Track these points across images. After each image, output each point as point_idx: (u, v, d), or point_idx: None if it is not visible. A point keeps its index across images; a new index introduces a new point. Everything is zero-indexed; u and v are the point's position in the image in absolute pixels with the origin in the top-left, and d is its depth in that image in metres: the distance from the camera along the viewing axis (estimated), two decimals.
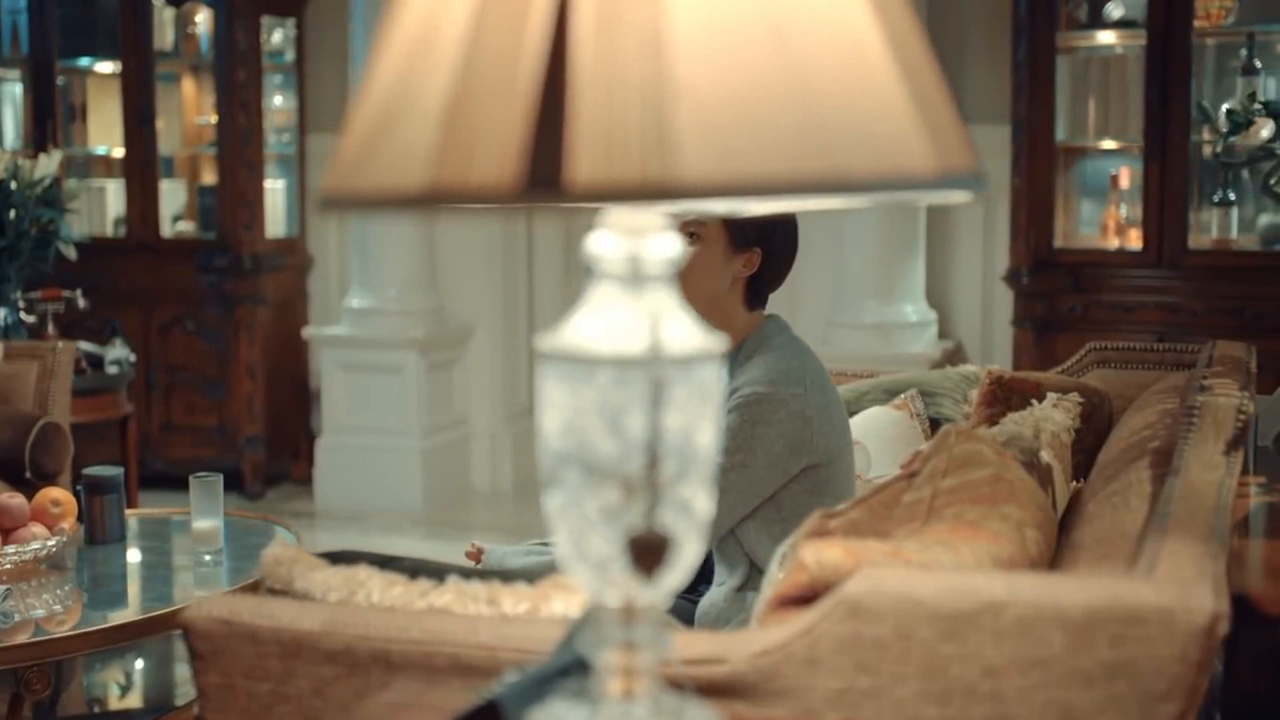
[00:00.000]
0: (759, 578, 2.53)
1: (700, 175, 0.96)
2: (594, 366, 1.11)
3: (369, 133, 1.08)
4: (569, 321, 1.16)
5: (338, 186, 1.10)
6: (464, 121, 1.00)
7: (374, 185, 1.04)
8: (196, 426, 6.31)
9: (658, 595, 1.16)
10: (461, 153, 0.99)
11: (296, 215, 6.55)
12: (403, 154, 1.02)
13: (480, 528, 6.03)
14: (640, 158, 0.96)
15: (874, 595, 1.44)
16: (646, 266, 1.14)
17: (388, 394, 6.13)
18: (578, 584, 1.21)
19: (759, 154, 0.97)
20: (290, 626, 1.62)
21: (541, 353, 1.14)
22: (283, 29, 6.48)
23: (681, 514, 1.13)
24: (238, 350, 6.20)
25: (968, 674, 1.43)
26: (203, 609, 1.66)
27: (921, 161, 1.03)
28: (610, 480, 1.12)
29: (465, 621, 1.60)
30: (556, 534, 1.17)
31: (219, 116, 6.17)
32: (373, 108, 1.09)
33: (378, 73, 1.11)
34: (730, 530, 2.56)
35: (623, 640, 1.18)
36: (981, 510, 1.77)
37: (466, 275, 6.41)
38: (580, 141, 0.96)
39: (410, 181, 1.01)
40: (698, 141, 0.96)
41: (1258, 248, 5.15)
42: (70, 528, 3.06)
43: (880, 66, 1.04)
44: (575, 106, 0.97)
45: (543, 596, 1.64)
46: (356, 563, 1.80)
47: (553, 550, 2.65)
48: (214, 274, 6.18)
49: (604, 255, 1.14)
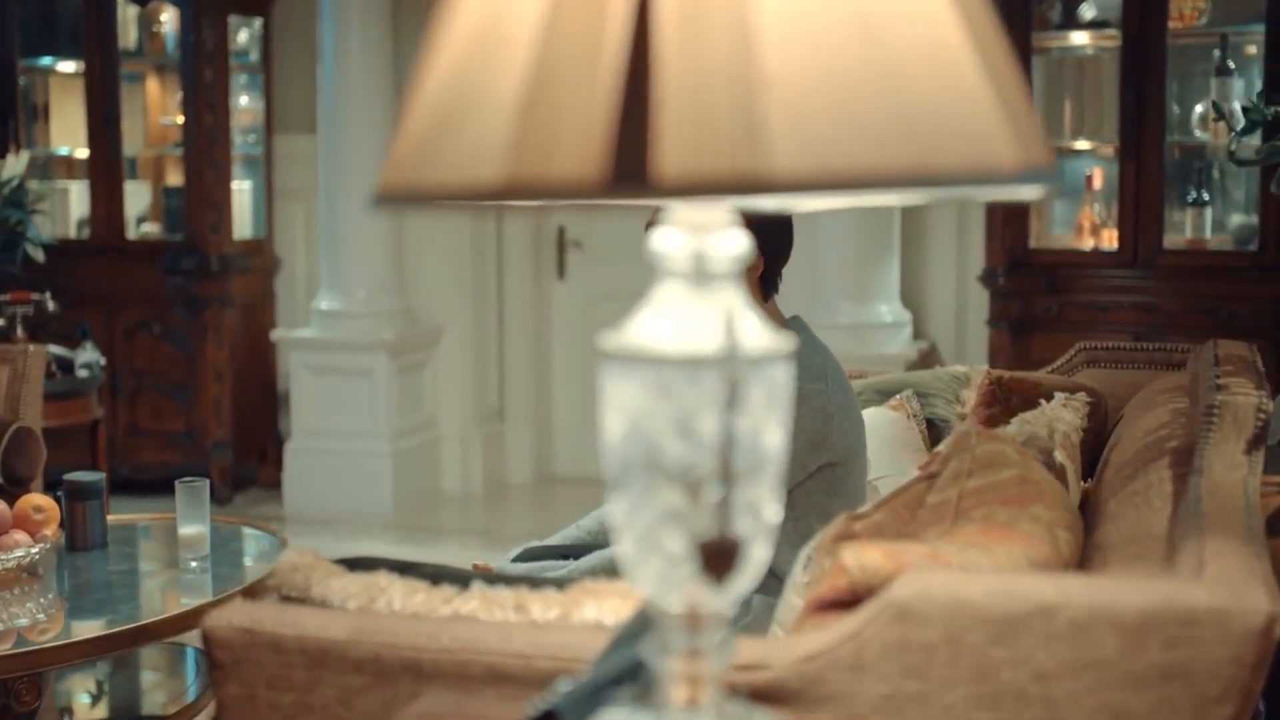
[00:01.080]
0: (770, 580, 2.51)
1: (792, 168, 0.93)
2: (664, 366, 1.08)
3: (433, 126, 1.04)
4: (632, 320, 1.12)
5: (398, 181, 1.06)
6: (542, 114, 0.96)
7: (443, 180, 1.01)
8: (163, 431, 6.22)
9: (725, 601, 1.13)
10: (540, 146, 0.95)
11: (264, 216, 6.48)
12: (475, 147, 0.99)
13: (451, 531, 5.99)
14: (730, 150, 0.93)
15: (923, 599, 1.41)
16: (712, 264, 1.11)
17: (357, 397, 6.07)
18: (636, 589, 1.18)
19: (849, 147, 0.95)
20: (316, 635, 1.58)
21: (606, 352, 1.11)
22: (248, 28, 6.40)
23: (751, 517, 1.11)
24: (205, 353, 6.12)
25: (1018, 678, 1.40)
26: (224, 618, 1.61)
27: (1006, 155, 1.01)
28: (680, 483, 1.09)
29: (498, 629, 1.56)
30: (620, 538, 1.14)
31: (186, 117, 6.09)
32: (435, 101, 1.06)
33: (437, 65, 1.08)
34: None
35: (687, 647, 1.15)
36: (1011, 511, 1.75)
37: (435, 276, 6.36)
38: (667, 134, 0.93)
39: (486, 175, 0.97)
40: (788, 134, 0.93)
41: (1231, 248, 5.18)
42: (53, 534, 3.00)
43: (962, 56, 1.02)
44: (660, 98, 0.94)
45: (573, 602, 1.61)
46: (375, 569, 1.76)
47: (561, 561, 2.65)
48: (181, 276, 6.10)
49: (669, 252, 1.11)
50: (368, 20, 5.94)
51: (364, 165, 5.99)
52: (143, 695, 3.53)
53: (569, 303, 6.68)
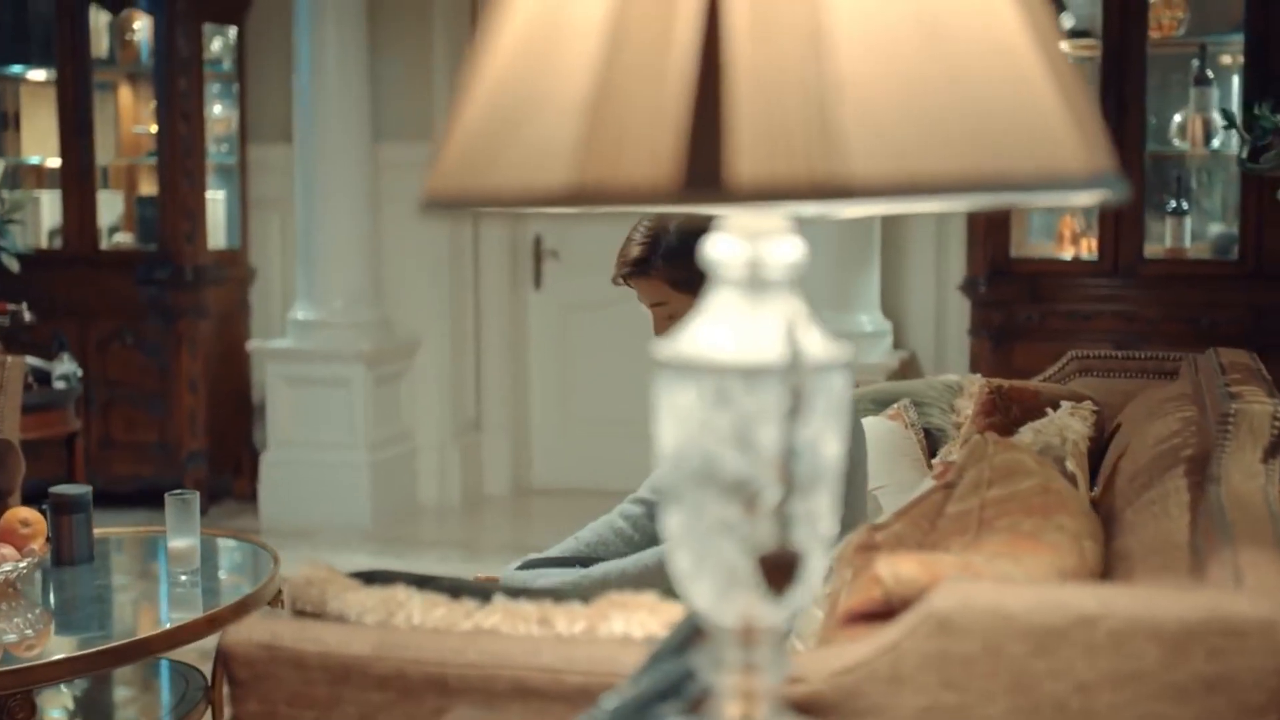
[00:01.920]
0: None
1: (868, 174, 0.91)
2: (723, 375, 1.05)
3: (490, 129, 1.02)
4: (688, 329, 1.10)
5: (452, 187, 1.04)
6: (609, 116, 0.94)
7: (504, 184, 0.98)
8: (137, 443, 6.16)
9: (781, 615, 1.11)
10: (609, 149, 0.93)
11: (238, 226, 6.42)
12: (539, 151, 0.97)
13: (430, 543, 5.94)
14: (805, 154, 0.91)
15: (964, 610, 1.40)
16: (769, 270, 1.09)
17: (334, 408, 6.02)
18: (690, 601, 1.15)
19: (924, 152, 0.93)
20: (338, 651, 1.55)
21: (661, 361, 1.09)
22: (222, 37, 6.35)
23: (810, 529, 1.09)
24: (180, 364, 6.06)
25: (1059, 690, 1.39)
26: (243, 633, 1.58)
27: (1075, 160, 0.99)
28: (738, 495, 1.07)
29: (526, 643, 1.54)
30: (675, 551, 1.12)
31: (159, 126, 6.03)
32: (490, 103, 1.04)
33: (490, 67, 1.05)
34: None
35: (741, 662, 1.12)
36: (1036, 521, 1.74)
37: (412, 287, 6.32)
38: (742, 137, 0.91)
39: (551, 179, 0.95)
40: (863, 138, 0.92)
41: (1210, 256, 5.20)
42: (40, 548, 2.95)
43: (1029, 61, 1.00)
44: (734, 100, 0.92)
45: (600, 615, 1.58)
46: (393, 583, 1.73)
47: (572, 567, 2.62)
48: (155, 286, 6.04)
49: (725, 260, 1.09)
50: (344, 29, 5.90)
51: (340, 175, 5.96)
52: (116, 711, 3.47)
53: (545, 313, 6.65)
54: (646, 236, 2.54)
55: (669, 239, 2.52)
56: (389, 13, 6.17)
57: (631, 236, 2.56)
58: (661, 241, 2.52)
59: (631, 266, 2.55)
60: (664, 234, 2.52)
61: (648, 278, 2.55)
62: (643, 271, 2.55)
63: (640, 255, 2.54)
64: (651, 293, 2.57)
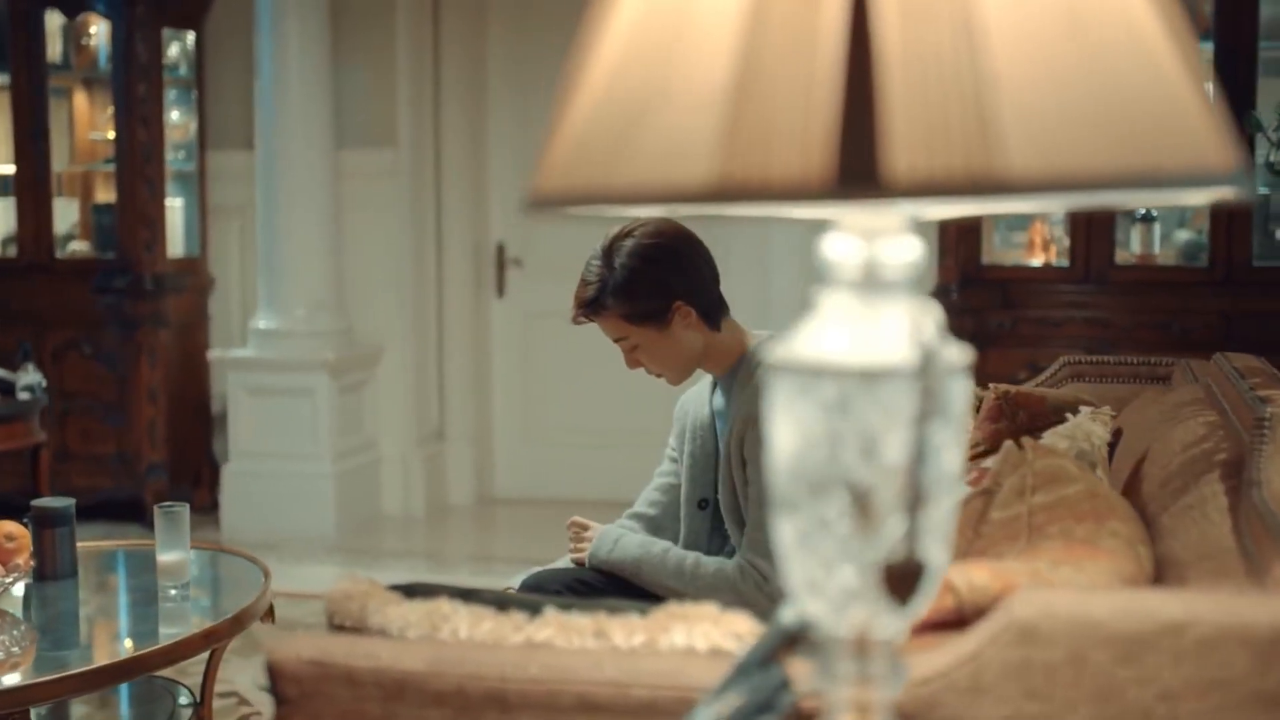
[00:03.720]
0: None
1: (1026, 170, 0.88)
2: (846, 380, 1.02)
3: (609, 125, 0.98)
4: (801, 332, 1.07)
5: (568, 184, 1.00)
6: (754, 108, 0.90)
7: (635, 180, 0.94)
8: (94, 454, 6.04)
9: (899, 625, 1.08)
10: (755, 144, 0.90)
11: (197, 234, 6.32)
12: (673, 145, 0.93)
13: (397, 554, 5.87)
14: (963, 150, 0.88)
15: (1048, 618, 1.37)
16: (887, 271, 1.06)
17: (298, 418, 5.94)
18: (806, 612, 1.12)
19: (1078, 148, 0.90)
20: (393, 667, 1.50)
21: (777, 365, 1.05)
22: (179, 42, 6.25)
23: (934, 537, 1.05)
24: (139, 374, 5.95)
25: (1144, 698, 1.36)
26: (291, 649, 1.53)
27: (1215, 155, 0.97)
28: (862, 503, 1.03)
29: (589, 656, 1.49)
30: (789, 561, 1.08)
31: (118, 132, 5.92)
32: (606, 98, 1.00)
33: (603, 60, 1.01)
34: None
35: (856, 674, 1.09)
36: (1088, 528, 1.72)
37: (374, 295, 6.25)
38: (897, 131, 0.88)
39: (691, 175, 0.91)
40: (1020, 134, 0.88)
41: (1179, 263, 5.23)
42: (25, 563, 2.87)
43: (1166, 54, 0.98)
44: (886, 93, 0.88)
45: (659, 627, 1.54)
46: (435, 596, 1.68)
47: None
48: (113, 295, 5.93)
49: (841, 260, 1.06)
50: (306, 35, 5.82)
51: (303, 181, 5.88)
52: None
53: (509, 321, 6.60)
54: (596, 276, 2.53)
55: (615, 276, 2.51)
56: (351, 19, 6.10)
57: (584, 276, 2.56)
58: (609, 280, 2.51)
59: (585, 307, 2.55)
60: (610, 272, 2.51)
61: (602, 316, 2.55)
62: (596, 311, 2.55)
63: (592, 295, 2.54)
64: (611, 329, 2.57)
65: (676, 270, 2.54)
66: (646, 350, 2.56)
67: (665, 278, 2.52)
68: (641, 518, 2.73)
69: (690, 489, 2.66)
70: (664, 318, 2.53)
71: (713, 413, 2.64)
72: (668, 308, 2.52)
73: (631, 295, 2.51)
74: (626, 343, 2.57)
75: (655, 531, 2.71)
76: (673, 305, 2.52)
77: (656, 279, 2.52)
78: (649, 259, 2.52)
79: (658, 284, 2.52)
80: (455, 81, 6.37)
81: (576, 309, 2.57)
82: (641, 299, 2.52)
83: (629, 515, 2.76)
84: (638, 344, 2.56)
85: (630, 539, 2.61)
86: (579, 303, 2.56)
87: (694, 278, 2.55)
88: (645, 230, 2.55)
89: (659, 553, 2.55)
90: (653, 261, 2.52)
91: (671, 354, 2.56)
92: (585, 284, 2.55)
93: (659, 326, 2.53)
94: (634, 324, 2.54)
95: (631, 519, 2.74)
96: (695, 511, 2.65)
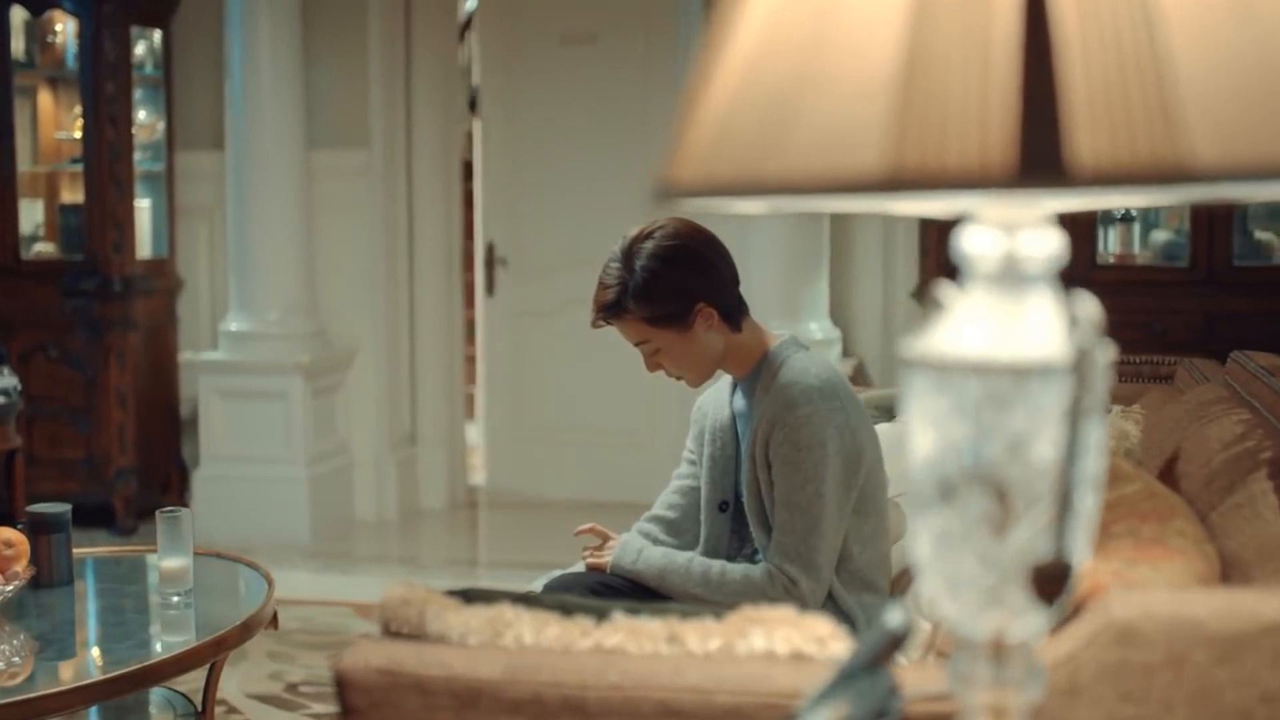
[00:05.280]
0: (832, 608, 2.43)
1: (1212, 157, 0.85)
2: (997, 377, 0.99)
3: (753, 115, 0.95)
4: (938, 327, 1.04)
5: (710, 173, 0.96)
6: (926, 94, 0.87)
7: (789, 170, 0.91)
8: (61, 459, 5.93)
9: (1039, 627, 1.05)
10: (928, 132, 0.86)
11: (165, 236, 6.22)
12: (835, 135, 0.89)
13: (371, 559, 5.80)
14: (1147, 137, 0.85)
15: (1147, 619, 1.35)
16: (1028, 265, 1.03)
17: (271, 421, 5.86)
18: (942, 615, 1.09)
19: (1258, 135, 0.87)
20: (466, 675, 1.46)
21: (915, 362, 1.02)
22: (146, 40, 6.15)
23: (1080, 537, 1.03)
24: (108, 378, 5.85)
25: (1242, 699, 1.35)
26: (359, 658, 1.48)
27: None
28: (1009, 503, 1.00)
29: (669, 662, 1.46)
30: (924, 563, 1.05)
31: (86, 132, 5.82)
32: (748, 87, 0.96)
33: (740, 49, 0.98)
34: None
35: (993, 677, 1.06)
36: (1154, 527, 1.70)
37: (346, 297, 6.18)
38: (1079, 118, 0.85)
39: (859, 164, 0.88)
40: (1202, 120, 0.86)
41: (1158, 263, 5.26)
42: (24, 571, 2.79)
43: None
44: (1067, 78, 0.85)
45: (736, 631, 1.51)
46: (495, 601, 1.64)
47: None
48: (81, 298, 5.83)
49: (980, 254, 1.03)
50: (278, 34, 5.75)
51: (275, 182, 5.80)
52: None
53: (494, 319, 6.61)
54: (615, 279, 2.50)
55: (635, 279, 2.47)
56: (323, 18, 6.02)
57: (603, 280, 2.52)
58: (630, 283, 2.48)
59: (606, 311, 2.51)
60: (630, 275, 2.48)
61: (623, 320, 2.51)
62: (617, 314, 2.51)
63: (613, 299, 2.50)
64: (631, 333, 2.54)
65: (698, 272, 2.50)
66: (668, 353, 2.53)
67: (686, 279, 2.49)
68: (660, 520, 2.70)
69: (710, 491, 2.63)
70: (686, 320, 2.50)
71: (733, 414, 2.61)
72: (689, 310, 2.49)
73: (653, 298, 2.48)
74: (648, 346, 2.54)
75: (674, 534, 2.67)
76: (695, 307, 2.49)
77: (678, 281, 2.49)
78: (670, 261, 2.49)
79: (679, 286, 2.49)
80: (427, 81, 6.31)
81: (596, 313, 2.53)
82: (663, 301, 2.49)
83: (647, 519, 2.72)
84: (659, 347, 2.53)
85: (653, 550, 2.58)
86: (599, 306, 2.52)
87: (715, 279, 2.53)
88: (665, 232, 2.52)
89: (683, 562, 2.52)
90: (674, 263, 2.49)
91: (693, 356, 2.53)
92: (604, 287, 2.51)
93: (681, 329, 2.50)
94: (655, 327, 2.50)
95: (650, 522, 2.71)
96: (716, 514, 2.62)
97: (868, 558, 2.51)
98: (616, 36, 6.30)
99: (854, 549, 2.50)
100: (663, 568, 2.52)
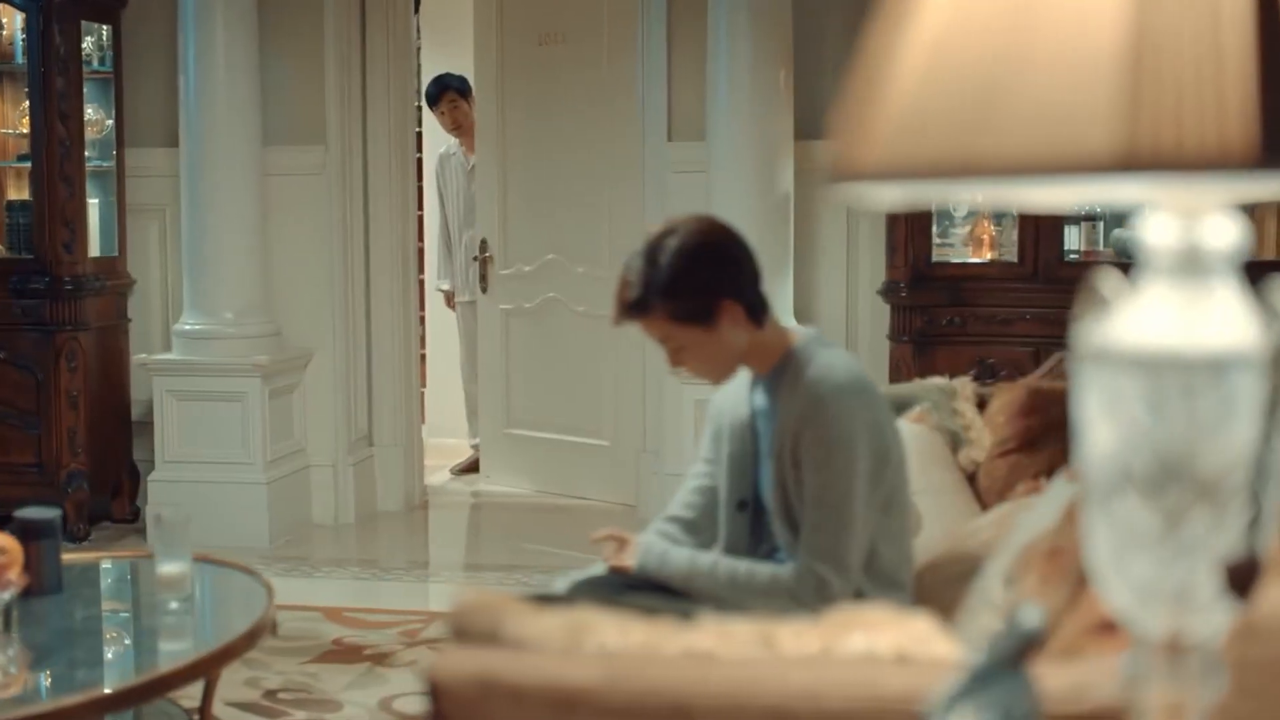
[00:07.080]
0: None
1: None
2: (1181, 369, 0.96)
3: (950, 95, 0.91)
4: (1117, 317, 1.01)
5: (900, 157, 0.93)
6: (1155, 78, 0.84)
7: (1005, 150, 0.88)
8: (10, 464, 5.78)
9: (1220, 624, 1.03)
10: (1163, 113, 0.83)
11: (114, 234, 6.09)
12: (1056, 115, 0.86)
13: (331, 562, 5.71)
14: None
15: (1267, 615, 1.33)
16: (1210, 253, 1.00)
17: (228, 423, 5.74)
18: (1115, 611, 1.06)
19: None
20: (564, 682, 1.42)
21: (1093, 354, 0.99)
22: (93, 35, 6.01)
23: (1270, 532, 1.00)
24: (58, 379, 5.71)
25: None
26: (452, 666, 1.43)
27: None
28: (1197, 498, 0.98)
29: (770, 667, 1.42)
30: (1101, 561, 1.02)
31: (34, 128, 5.68)
32: (939, 67, 0.93)
33: (925, 29, 0.95)
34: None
35: (1171, 675, 1.04)
36: None
37: (302, 297, 6.08)
38: None
39: (1089, 145, 0.84)
40: None
41: (1123, 259, 5.30)
42: (18, 578, 2.70)
43: None
44: None
45: (834, 634, 1.48)
46: (572, 605, 1.60)
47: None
48: (30, 298, 5.68)
49: (1160, 243, 1.00)
50: (233, 30, 5.64)
51: (229, 179, 5.69)
52: None
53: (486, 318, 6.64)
54: (639, 276, 2.46)
55: (660, 276, 2.44)
56: (278, 13, 5.92)
57: (625, 277, 2.48)
58: (654, 280, 2.44)
59: (630, 308, 2.47)
60: (654, 271, 2.44)
61: (648, 317, 2.48)
62: (641, 312, 2.47)
63: (637, 296, 2.46)
64: (655, 331, 2.50)
65: (723, 268, 2.47)
66: (691, 350, 2.49)
67: (712, 276, 2.46)
68: (678, 520, 2.66)
69: (730, 491, 2.59)
70: (711, 317, 2.46)
71: (753, 412, 2.58)
72: (714, 306, 2.46)
73: (678, 294, 2.45)
74: (671, 343, 2.50)
75: (693, 533, 2.64)
76: (719, 304, 2.46)
77: (703, 277, 2.46)
78: (695, 257, 2.46)
79: (705, 283, 2.46)
80: (383, 78, 6.23)
81: (619, 310, 2.49)
82: (688, 298, 2.45)
83: (666, 519, 2.68)
84: (683, 344, 2.49)
85: (676, 553, 2.54)
86: (622, 304, 2.48)
87: (739, 275, 2.49)
88: (688, 229, 2.48)
89: (708, 565, 2.49)
90: (699, 260, 2.46)
91: (718, 353, 2.49)
92: (627, 285, 2.47)
93: (705, 326, 2.46)
94: (680, 324, 2.47)
95: (668, 523, 2.67)
96: (735, 513, 2.59)
97: (893, 555, 2.49)
98: (582, 37, 6.28)
99: (880, 547, 2.48)
100: (688, 572, 2.49)
